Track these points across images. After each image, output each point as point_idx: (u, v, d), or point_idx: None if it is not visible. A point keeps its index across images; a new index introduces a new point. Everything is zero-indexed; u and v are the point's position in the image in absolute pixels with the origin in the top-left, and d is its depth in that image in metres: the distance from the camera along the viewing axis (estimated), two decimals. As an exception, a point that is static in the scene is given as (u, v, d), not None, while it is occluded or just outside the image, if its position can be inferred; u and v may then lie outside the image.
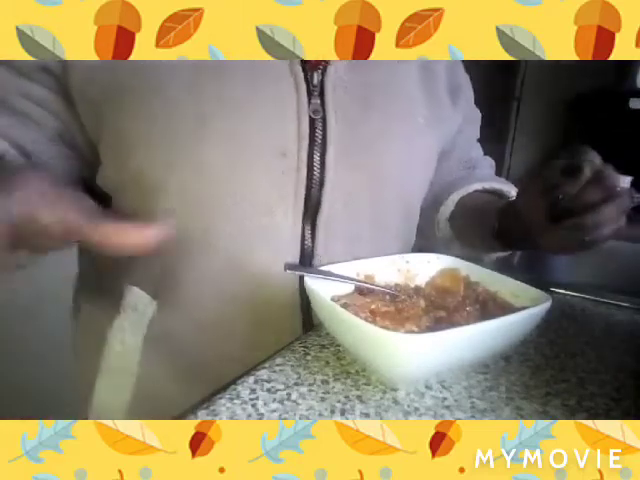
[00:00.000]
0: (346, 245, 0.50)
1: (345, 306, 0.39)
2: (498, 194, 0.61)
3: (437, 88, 0.57)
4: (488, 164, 0.71)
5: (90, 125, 0.46)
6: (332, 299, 0.41)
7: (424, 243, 0.64)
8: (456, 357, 0.36)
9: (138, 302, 0.50)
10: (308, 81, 0.47)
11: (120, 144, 0.46)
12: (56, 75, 0.44)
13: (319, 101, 0.47)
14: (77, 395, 0.56)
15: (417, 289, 0.46)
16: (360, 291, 0.44)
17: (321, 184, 0.47)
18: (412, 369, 0.35)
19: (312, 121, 0.47)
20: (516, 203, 0.48)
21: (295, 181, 0.46)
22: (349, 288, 0.44)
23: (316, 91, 0.47)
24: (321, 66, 0.47)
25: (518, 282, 0.43)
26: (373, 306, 0.41)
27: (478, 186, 0.61)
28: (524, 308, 0.38)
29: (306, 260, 0.49)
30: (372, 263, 0.47)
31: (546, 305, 0.37)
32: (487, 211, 0.55)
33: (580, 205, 0.40)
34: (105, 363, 0.52)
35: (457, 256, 0.49)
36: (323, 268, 0.44)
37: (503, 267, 0.47)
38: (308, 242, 0.49)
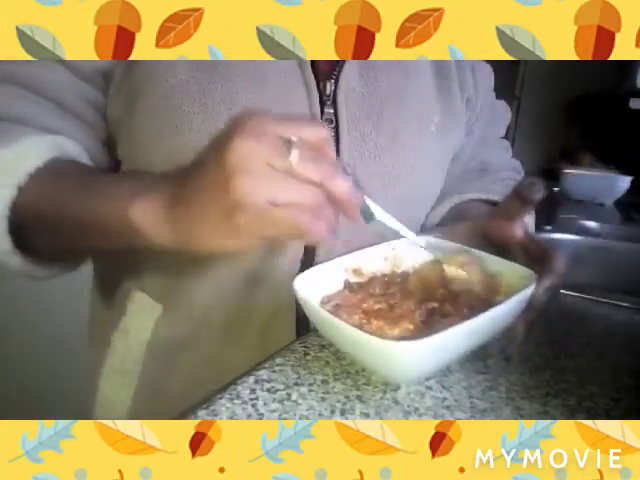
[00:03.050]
0: (349, 250, 0.50)
1: (337, 308, 0.39)
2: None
3: (451, 88, 0.56)
4: (510, 167, 0.68)
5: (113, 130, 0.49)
6: (323, 300, 0.41)
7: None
8: (455, 352, 0.36)
9: (143, 306, 0.50)
10: (321, 91, 0.47)
11: (134, 148, 0.47)
12: (109, 80, 0.45)
13: (332, 110, 0.47)
14: (85, 391, 0.57)
15: (404, 275, 0.46)
16: (350, 288, 0.43)
17: None
18: (411, 373, 0.36)
19: None
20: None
21: None
22: (338, 286, 0.44)
23: (329, 101, 0.47)
24: (334, 76, 0.47)
25: (500, 259, 0.43)
26: (365, 305, 0.40)
27: (473, 196, 0.60)
28: (509, 285, 0.39)
29: (308, 263, 0.49)
30: (359, 255, 0.46)
31: (534, 283, 0.38)
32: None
33: None
34: (109, 364, 0.53)
35: (437, 237, 0.48)
36: (312, 270, 0.42)
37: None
38: (311, 247, 0.49)
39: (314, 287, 0.41)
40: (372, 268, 0.46)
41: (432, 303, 0.40)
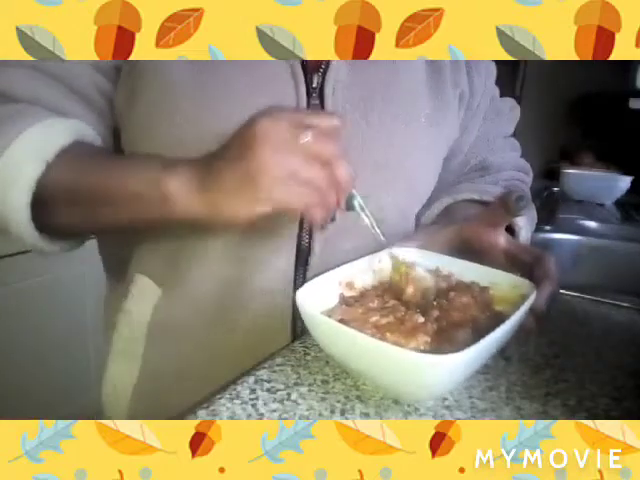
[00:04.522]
0: (343, 243, 0.50)
1: (344, 322, 0.37)
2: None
3: (444, 81, 0.56)
4: (513, 166, 0.67)
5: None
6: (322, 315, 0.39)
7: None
8: (480, 363, 0.36)
9: (144, 289, 0.52)
10: (308, 83, 0.47)
11: (133, 139, 0.48)
12: (119, 72, 0.46)
13: (318, 102, 0.47)
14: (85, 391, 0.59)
15: (391, 288, 0.45)
16: (347, 302, 0.42)
17: None
18: (443, 387, 0.35)
19: None
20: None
21: None
22: (333, 300, 0.43)
23: (315, 93, 0.48)
24: (321, 69, 0.48)
25: (490, 269, 0.43)
26: (374, 319, 0.39)
27: (466, 196, 0.59)
28: (502, 295, 0.40)
29: (303, 257, 0.49)
30: (351, 269, 0.45)
31: (533, 289, 0.38)
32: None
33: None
34: (114, 345, 0.55)
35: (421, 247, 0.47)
36: (310, 284, 0.41)
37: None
38: (305, 240, 0.49)
39: (315, 301, 0.40)
40: (361, 281, 0.45)
41: (435, 312, 0.40)
